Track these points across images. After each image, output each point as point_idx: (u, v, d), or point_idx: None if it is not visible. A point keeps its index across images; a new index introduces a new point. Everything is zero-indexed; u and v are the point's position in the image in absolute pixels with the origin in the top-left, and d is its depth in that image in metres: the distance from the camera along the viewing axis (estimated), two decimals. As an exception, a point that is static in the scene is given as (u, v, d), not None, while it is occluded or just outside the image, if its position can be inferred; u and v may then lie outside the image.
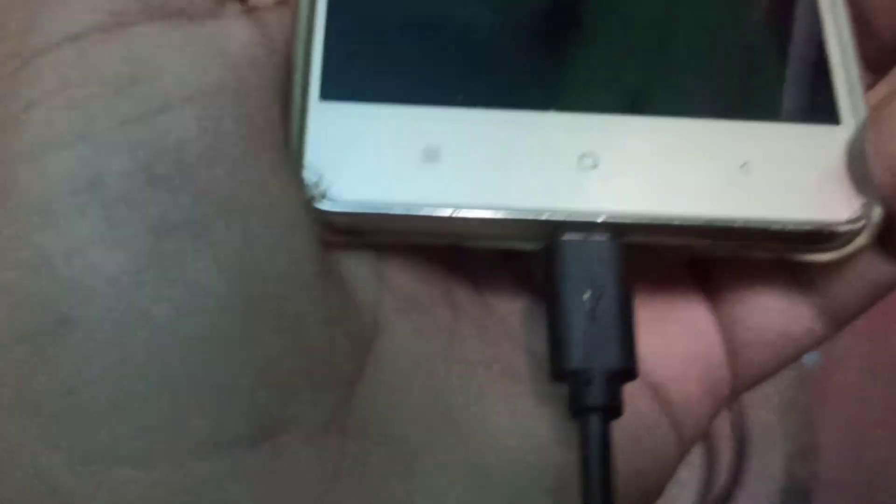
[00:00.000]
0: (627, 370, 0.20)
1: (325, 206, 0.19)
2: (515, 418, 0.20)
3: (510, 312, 0.22)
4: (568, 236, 0.20)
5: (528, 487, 0.20)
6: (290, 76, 0.20)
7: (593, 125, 0.20)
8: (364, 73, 0.20)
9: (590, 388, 0.19)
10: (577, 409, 0.19)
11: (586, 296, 0.20)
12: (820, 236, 0.20)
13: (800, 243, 0.20)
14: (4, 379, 0.17)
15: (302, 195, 0.19)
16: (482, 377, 0.20)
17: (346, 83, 0.20)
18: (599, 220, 0.20)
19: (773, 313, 0.22)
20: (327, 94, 0.20)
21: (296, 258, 0.18)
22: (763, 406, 0.44)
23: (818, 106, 0.21)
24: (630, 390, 0.20)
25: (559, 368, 0.20)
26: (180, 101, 0.18)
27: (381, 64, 0.20)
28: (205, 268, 0.17)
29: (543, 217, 0.20)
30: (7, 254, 0.17)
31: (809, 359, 0.45)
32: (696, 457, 0.44)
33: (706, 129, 0.21)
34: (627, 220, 0.20)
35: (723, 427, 0.44)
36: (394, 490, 0.19)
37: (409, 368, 0.20)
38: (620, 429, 0.19)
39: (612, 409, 0.19)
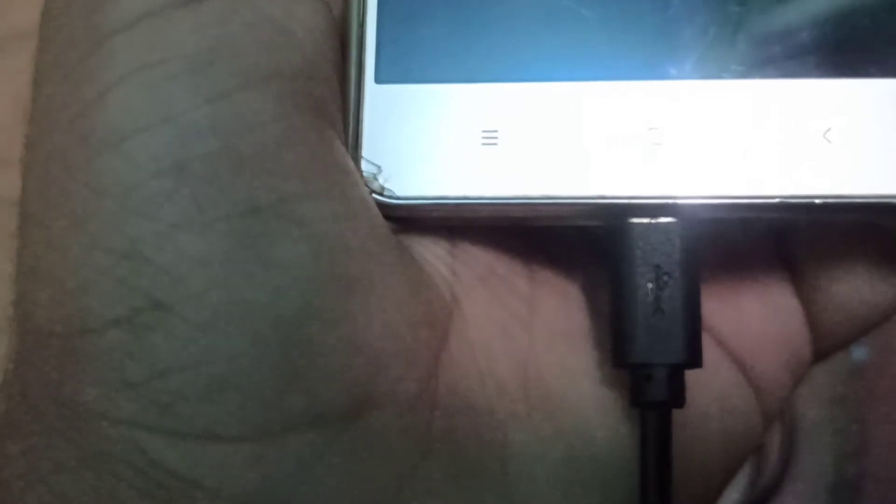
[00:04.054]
0: (690, 363, 0.19)
1: (385, 198, 0.19)
2: (597, 388, 0.20)
3: (587, 280, 0.21)
4: (634, 219, 0.19)
5: (610, 457, 0.20)
6: (345, 59, 0.20)
7: (662, 93, 0.19)
8: (420, 53, 0.20)
9: (650, 384, 0.19)
10: (636, 402, 0.19)
11: (651, 284, 0.19)
12: None
13: (889, 214, 0.19)
14: (101, 362, 0.17)
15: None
16: (564, 346, 0.20)
17: (401, 64, 0.19)
18: (667, 201, 0.19)
19: (859, 283, 0.21)
20: (383, 76, 0.19)
21: (375, 234, 0.18)
22: (812, 402, 0.43)
23: None
24: (714, 360, 0.20)
25: (619, 360, 0.19)
26: (259, 81, 0.17)
27: (438, 41, 0.20)
28: (295, 247, 0.17)
29: (608, 200, 0.19)
30: (99, 241, 0.17)
31: (859, 354, 0.44)
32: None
33: (783, 91, 0.19)
34: (697, 201, 0.19)
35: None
36: (485, 463, 0.19)
37: (492, 337, 0.20)
38: (708, 393, 0.20)
39: (673, 403, 0.19)
